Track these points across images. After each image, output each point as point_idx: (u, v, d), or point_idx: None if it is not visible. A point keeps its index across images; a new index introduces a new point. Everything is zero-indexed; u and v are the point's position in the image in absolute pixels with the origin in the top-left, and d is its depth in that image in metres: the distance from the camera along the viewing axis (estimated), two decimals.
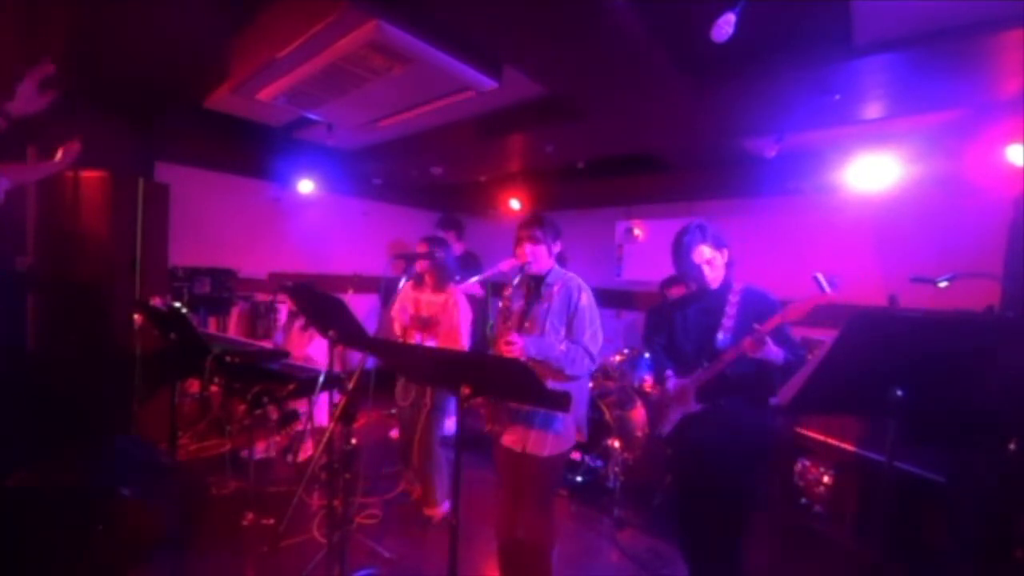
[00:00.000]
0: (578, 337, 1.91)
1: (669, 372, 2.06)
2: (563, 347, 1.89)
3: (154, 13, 2.38)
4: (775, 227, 4.13)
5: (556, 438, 1.91)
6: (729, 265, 1.99)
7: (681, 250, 1.95)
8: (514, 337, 1.85)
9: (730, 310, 1.90)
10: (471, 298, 3.79)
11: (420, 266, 2.87)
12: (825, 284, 1.63)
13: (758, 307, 1.88)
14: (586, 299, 1.95)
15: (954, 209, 3.26)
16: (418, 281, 2.94)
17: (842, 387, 1.31)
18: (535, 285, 2.04)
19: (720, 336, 1.89)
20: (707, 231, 1.94)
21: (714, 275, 1.96)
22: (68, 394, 3.04)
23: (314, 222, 5.16)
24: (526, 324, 1.99)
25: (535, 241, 1.99)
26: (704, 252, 1.93)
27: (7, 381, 2.76)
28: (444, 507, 2.81)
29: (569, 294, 1.96)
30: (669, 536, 2.78)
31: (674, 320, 2.09)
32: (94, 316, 3.26)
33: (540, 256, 2.00)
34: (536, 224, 2.01)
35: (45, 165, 1.99)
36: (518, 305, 2.06)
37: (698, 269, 1.94)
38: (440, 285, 2.86)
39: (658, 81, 2.49)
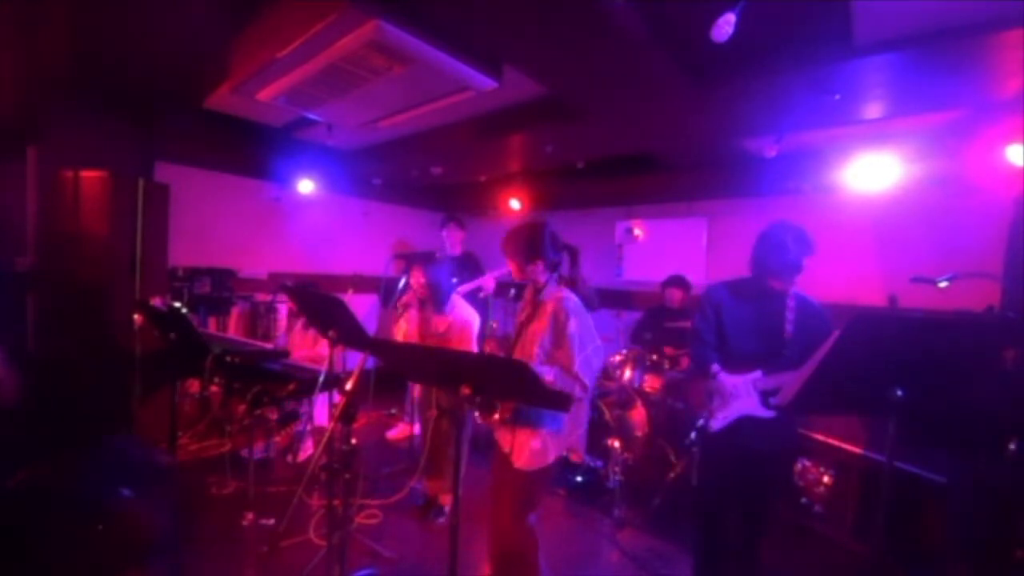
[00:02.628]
0: (569, 364, 1.81)
1: (717, 367, 2.01)
2: (550, 376, 1.80)
3: (154, 13, 2.38)
4: None
5: (533, 454, 1.86)
6: None
7: (787, 255, 1.90)
8: None
9: (789, 315, 1.91)
10: (474, 297, 3.79)
11: (419, 289, 2.79)
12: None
13: (812, 315, 1.91)
14: (575, 325, 1.82)
15: (954, 209, 3.26)
16: (422, 305, 2.87)
17: (842, 387, 1.31)
18: (535, 297, 1.98)
19: (787, 336, 1.90)
20: (811, 242, 1.92)
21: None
22: (68, 394, 3.04)
23: (314, 222, 5.16)
24: (521, 340, 1.96)
25: (507, 256, 1.98)
26: (806, 261, 1.92)
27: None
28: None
29: (556, 316, 1.86)
30: (669, 536, 2.78)
31: (724, 319, 2.02)
32: (94, 316, 3.26)
33: (514, 271, 1.98)
34: (507, 240, 1.98)
35: None
36: (521, 317, 2.03)
37: (795, 277, 1.92)
38: (439, 308, 2.78)
39: (658, 81, 2.49)
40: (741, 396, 1.94)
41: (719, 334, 2.03)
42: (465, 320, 2.74)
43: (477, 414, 1.93)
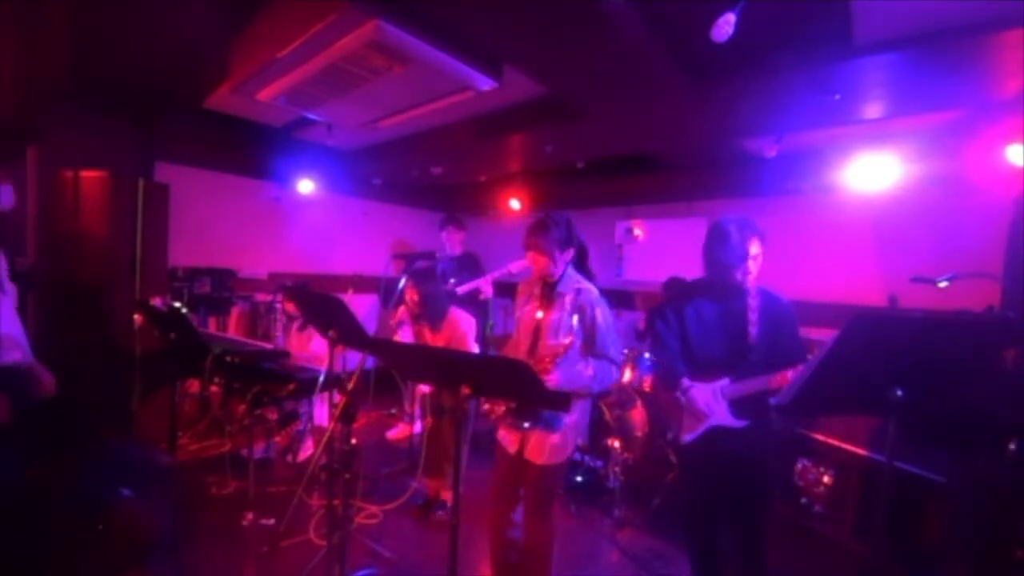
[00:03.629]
0: (604, 352, 1.87)
1: (687, 380, 1.92)
2: (591, 371, 1.84)
3: (154, 13, 2.38)
4: (775, 227, 4.06)
5: (554, 448, 1.88)
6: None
7: (729, 241, 1.82)
8: (551, 376, 1.80)
9: (752, 316, 1.83)
10: (473, 298, 3.80)
11: (412, 306, 2.80)
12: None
13: (778, 311, 1.85)
14: (601, 314, 1.88)
15: (954, 209, 3.26)
16: (416, 320, 2.87)
17: (842, 387, 1.31)
18: (547, 291, 1.97)
19: (751, 339, 1.81)
20: (755, 225, 1.86)
21: (755, 273, 1.86)
22: (68, 394, 3.04)
23: (314, 222, 5.15)
24: (538, 333, 1.94)
25: (539, 251, 1.91)
26: (755, 246, 1.84)
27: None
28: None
29: (582, 310, 1.88)
30: (669, 536, 2.78)
31: (687, 323, 1.93)
32: (94, 316, 3.26)
33: (544, 266, 1.93)
34: (540, 232, 1.91)
35: None
36: (530, 312, 2.01)
37: (747, 263, 1.83)
38: (437, 324, 2.80)
39: (658, 81, 2.49)
40: (714, 411, 1.86)
41: (683, 339, 1.94)
42: (463, 333, 2.76)
43: (527, 424, 1.92)
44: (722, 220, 1.89)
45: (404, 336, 2.93)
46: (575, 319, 1.87)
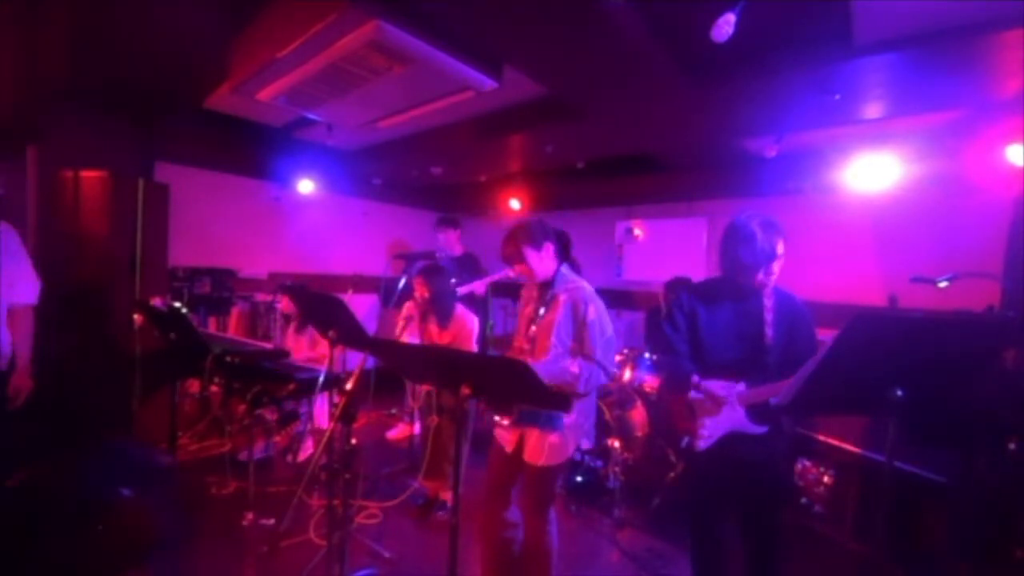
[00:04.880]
0: (591, 352, 1.81)
1: (697, 377, 1.81)
2: (576, 368, 1.81)
3: (154, 13, 2.38)
4: None
5: (552, 447, 1.86)
6: None
7: (754, 243, 1.71)
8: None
9: (768, 316, 1.77)
10: (473, 298, 3.80)
11: (422, 303, 2.79)
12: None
13: (793, 310, 1.80)
14: (594, 312, 1.84)
15: (954, 209, 3.26)
16: (424, 317, 2.88)
17: (842, 387, 1.31)
18: (543, 292, 1.97)
19: (768, 341, 1.76)
20: (779, 225, 1.75)
21: (776, 274, 1.77)
22: (68, 395, 3.04)
23: (314, 222, 5.16)
24: (532, 330, 1.94)
25: (515, 260, 1.92)
26: (780, 246, 1.74)
27: (6, 382, 2.77)
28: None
29: (575, 307, 1.86)
30: (669, 536, 2.78)
31: (699, 326, 1.85)
32: (94, 316, 3.26)
33: (526, 271, 1.93)
34: (507, 243, 1.92)
35: None
36: (527, 311, 2.01)
37: (772, 265, 1.74)
38: (444, 321, 2.82)
39: (658, 81, 2.49)
40: (730, 403, 1.79)
41: (693, 343, 1.85)
42: (470, 331, 2.78)
43: (497, 418, 1.92)
44: (744, 220, 1.77)
45: (411, 332, 2.94)
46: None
